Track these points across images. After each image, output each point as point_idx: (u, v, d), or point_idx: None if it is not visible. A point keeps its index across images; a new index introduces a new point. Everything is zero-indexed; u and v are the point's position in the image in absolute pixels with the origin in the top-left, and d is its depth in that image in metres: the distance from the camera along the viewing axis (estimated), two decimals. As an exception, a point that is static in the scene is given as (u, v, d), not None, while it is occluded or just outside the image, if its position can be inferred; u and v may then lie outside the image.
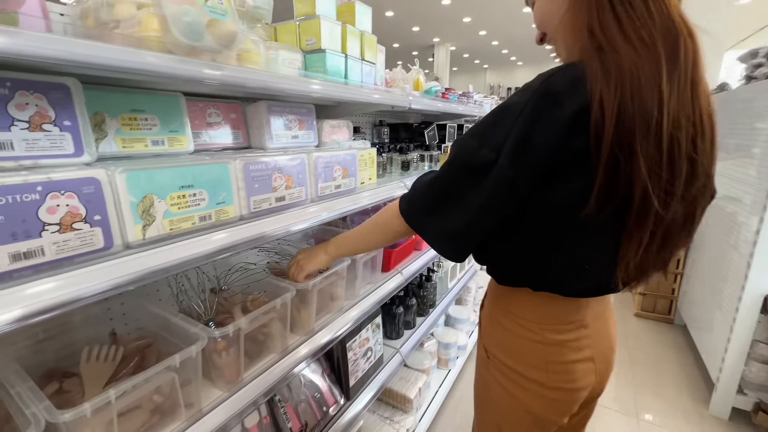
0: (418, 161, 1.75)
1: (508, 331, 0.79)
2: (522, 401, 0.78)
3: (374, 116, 2.03)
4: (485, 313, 0.89)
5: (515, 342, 0.77)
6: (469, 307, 2.74)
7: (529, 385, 0.77)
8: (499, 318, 0.81)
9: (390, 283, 1.45)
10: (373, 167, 1.31)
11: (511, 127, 0.59)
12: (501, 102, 0.66)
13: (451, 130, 2.12)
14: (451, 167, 0.68)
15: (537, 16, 0.73)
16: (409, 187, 0.79)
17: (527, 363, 0.76)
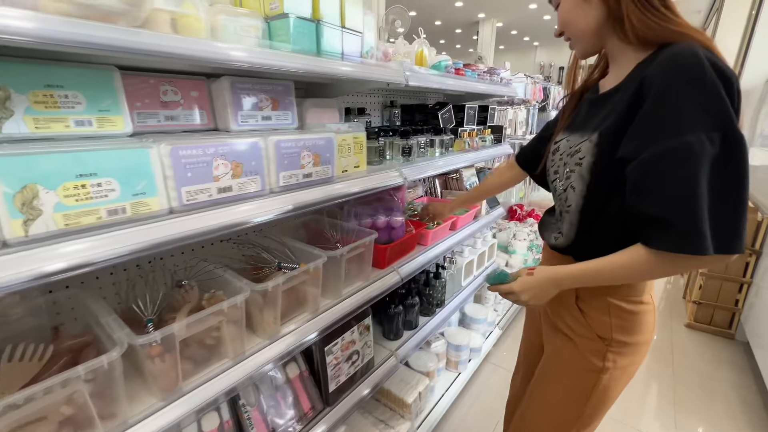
0: (426, 146, 1.56)
1: (630, 312, 0.83)
2: (631, 371, 0.88)
3: (384, 96, 1.85)
4: (590, 307, 0.87)
5: (640, 318, 0.84)
6: (489, 307, 2.54)
7: (641, 349, 0.87)
8: (614, 303, 0.83)
9: (383, 281, 1.31)
10: (361, 153, 1.16)
11: (719, 112, 0.61)
12: (662, 95, 0.65)
13: (471, 112, 1.89)
14: (695, 177, 0.62)
15: (562, 19, 0.82)
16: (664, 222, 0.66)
17: (648, 331, 0.86)
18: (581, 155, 0.78)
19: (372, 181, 1.13)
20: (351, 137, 1.08)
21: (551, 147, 0.95)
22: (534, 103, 2.83)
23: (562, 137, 0.90)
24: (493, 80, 1.86)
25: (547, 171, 0.96)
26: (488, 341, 2.37)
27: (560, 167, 0.88)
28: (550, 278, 0.82)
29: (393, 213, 1.41)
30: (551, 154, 0.94)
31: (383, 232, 1.40)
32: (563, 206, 0.86)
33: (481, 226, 1.99)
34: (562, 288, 0.82)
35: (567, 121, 0.94)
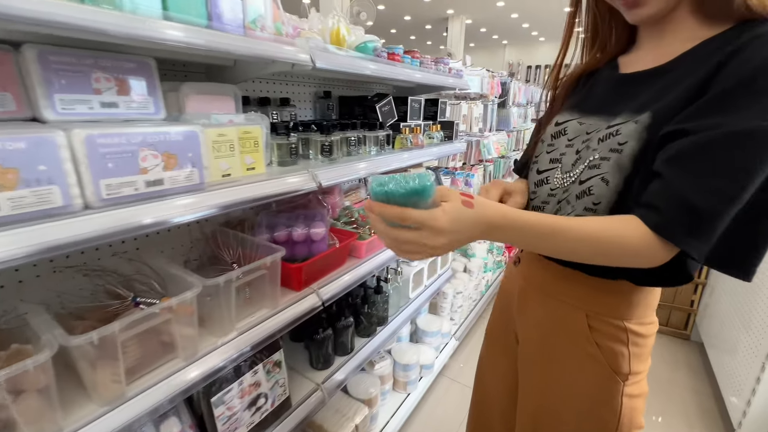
0: (357, 144, 1.34)
1: (644, 337, 0.70)
2: (642, 405, 0.74)
3: (316, 85, 1.62)
4: (606, 337, 0.70)
5: (651, 341, 0.72)
6: (444, 316, 2.37)
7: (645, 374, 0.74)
8: (631, 329, 0.69)
9: (297, 307, 1.09)
10: (257, 152, 0.93)
11: None
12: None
13: (416, 105, 1.69)
14: None
15: None
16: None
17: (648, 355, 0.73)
18: (621, 139, 0.60)
19: (267, 187, 0.89)
20: (236, 132, 0.84)
21: (550, 130, 0.77)
22: (492, 98, 2.68)
23: (569, 118, 0.74)
24: (438, 70, 1.67)
25: (536, 160, 0.79)
26: (443, 354, 2.20)
27: (569, 154, 0.71)
28: (488, 221, 0.55)
29: (315, 223, 1.19)
30: (551, 138, 0.76)
31: (302, 247, 1.17)
32: (578, 204, 0.65)
33: (429, 232, 1.79)
34: (488, 239, 0.59)
35: (565, 102, 0.78)
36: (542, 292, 0.77)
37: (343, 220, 1.52)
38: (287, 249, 1.16)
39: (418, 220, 0.51)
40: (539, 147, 0.79)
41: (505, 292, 0.93)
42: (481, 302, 2.79)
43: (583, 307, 0.70)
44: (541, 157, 0.77)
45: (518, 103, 3.30)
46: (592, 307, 0.70)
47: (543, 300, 0.77)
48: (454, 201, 0.54)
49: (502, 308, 0.94)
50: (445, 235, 0.52)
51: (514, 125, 3.28)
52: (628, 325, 0.68)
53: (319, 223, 1.18)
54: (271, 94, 1.43)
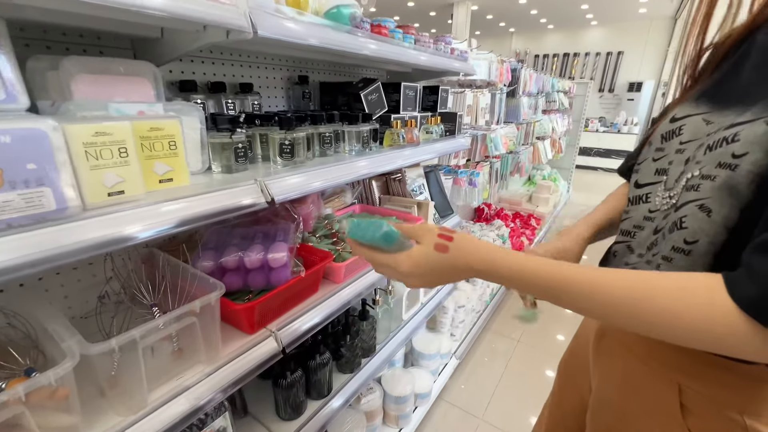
0: (334, 142, 1.07)
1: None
2: None
3: (288, 68, 1.33)
4: (705, 429, 0.49)
5: None
6: (444, 333, 2.11)
7: None
8: (756, 429, 0.46)
9: (247, 357, 0.83)
10: (175, 157, 0.66)
11: None
12: None
13: (411, 94, 1.40)
14: None
15: None
16: None
17: None
18: (739, 149, 0.41)
19: (186, 209, 0.62)
20: (130, 129, 0.57)
21: (662, 128, 0.56)
22: (500, 86, 2.38)
23: (691, 112, 0.52)
24: (438, 49, 1.37)
25: (638, 168, 0.60)
26: (441, 377, 1.94)
27: (676, 163, 0.52)
28: (467, 265, 0.48)
29: (275, 244, 0.92)
30: (661, 139, 0.56)
31: (257, 276, 0.91)
32: (668, 240, 0.49)
33: (426, 244, 1.52)
34: (487, 280, 0.50)
35: (705, 85, 0.54)
36: (622, 344, 0.61)
37: (320, 233, 1.26)
38: (239, 278, 0.90)
39: (382, 263, 0.53)
40: (646, 151, 0.59)
41: (584, 326, 0.79)
42: (485, 313, 2.53)
43: (676, 377, 0.51)
44: (645, 165, 0.58)
45: (529, 93, 2.99)
46: (691, 380, 0.50)
47: (623, 354, 0.60)
48: (425, 245, 0.50)
49: (578, 344, 0.79)
50: (414, 277, 0.51)
51: (524, 117, 2.97)
52: (750, 422, 0.46)
53: (280, 245, 0.91)
54: (229, 78, 1.15)
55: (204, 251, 0.89)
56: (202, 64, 1.08)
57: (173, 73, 1.01)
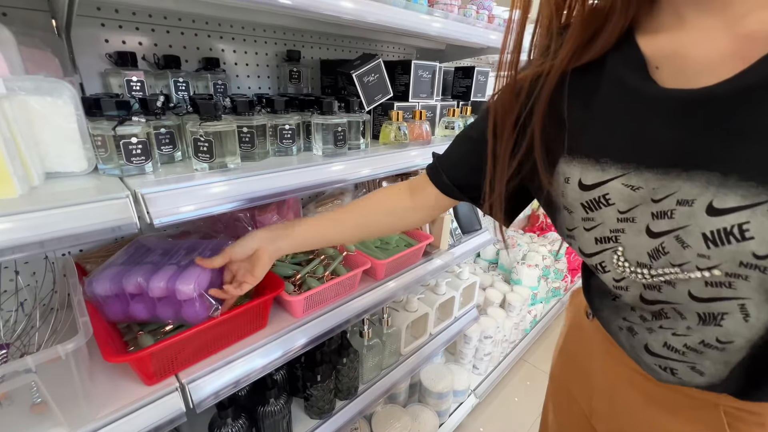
0: (295, 137, 0.81)
1: None
2: None
3: (277, 41, 1.09)
4: None
5: None
6: (465, 365, 1.79)
7: None
8: None
9: (136, 418, 0.63)
10: (-15, 157, 0.45)
11: None
12: None
13: (425, 75, 1.06)
14: None
15: None
16: None
17: None
18: (758, 249, 0.32)
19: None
20: None
21: (571, 196, 0.45)
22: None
23: (607, 177, 0.41)
24: (467, 15, 1.02)
25: (572, 234, 0.48)
26: (452, 420, 1.63)
27: (632, 233, 0.41)
28: None
29: (188, 270, 0.70)
30: (584, 208, 0.44)
31: (165, 307, 0.70)
32: (703, 332, 0.41)
33: (435, 269, 1.21)
34: None
35: (572, 133, 0.44)
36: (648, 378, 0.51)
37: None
38: (145, 308, 0.70)
39: None
40: (565, 216, 0.47)
41: (570, 355, 0.70)
42: (522, 344, 2.13)
43: (721, 401, 0.47)
44: (578, 233, 0.46)
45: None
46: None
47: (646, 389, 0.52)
48: None
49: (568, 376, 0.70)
50: None
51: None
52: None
53: (191, 273, 0.68)
54: (192, 53, 0.94)
55: (106, 269, 0.70)
56: (152, 33, 0.88)
57: (110, 42, 0.82)
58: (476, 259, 2.48)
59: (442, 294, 1.41)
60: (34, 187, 0.52)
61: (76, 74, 0.77)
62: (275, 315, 0.88)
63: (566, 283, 2.57)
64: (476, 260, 2.47)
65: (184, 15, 0.90)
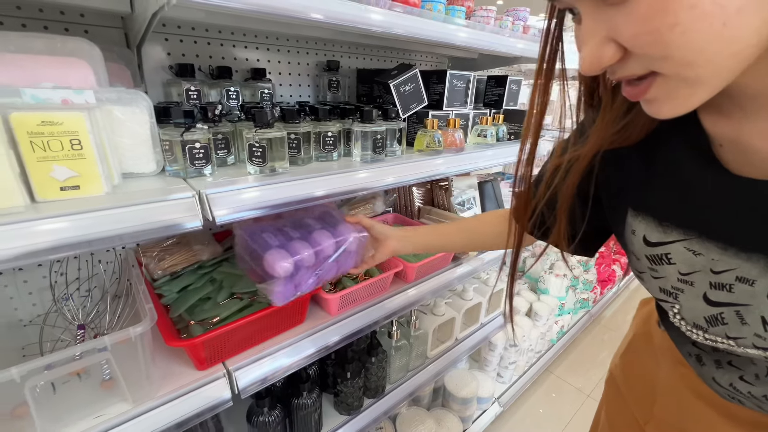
0: (337, 144, 0.85)
1: None
2: None
3: (316, 51, 1.15)
4: None
5: None
6: (488, 372, 1.78)
7: None
8: None
9: (186, 401, 0.68)
10: (81, 159, 0.52)
11: None
12: None
13: (460, 85, 1.09)
14: None
15: (679, 44, 0.27)
16: None
17: None
18: None
19: (66, 228, 0.48)
20: None
21: (637, 246, 0.46)
22: (603, 77, 1.86)
23: (670, 239, 0.42)
24: (502, 27, 1.04)
25: (642, 276, 0.48)
26: (476, 426, 1.63)
27: (692, 296, 0.41)
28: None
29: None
30: (648, 260, 0.45)
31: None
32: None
33: (463, 274, 1.23)
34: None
35: (635, 196, 0.45)
36: None
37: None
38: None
39: None
40: (634, 261, 0.48)
41: (633, 361, 0.68)
42: (548, 355, 2.09)
43: None
44: (647, 278, 0.46)
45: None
46: None
47: (715, 402, 0.50)
48: None
49: (628, 382, 0.68)
50: None
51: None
52: None
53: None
54: (240, 63, 1.01)
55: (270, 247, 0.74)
56: (208, 45, 0.95)
57: (172, 55, 0.90)
58: (503, 267, 2.45)
59: (469, 299, 1.42)
60: (115, 186, 0.59)
61: (143, 84, 0.85)
62: (311, 312, 0.92)
63: (595, 295, 2.50)
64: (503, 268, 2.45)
65: (236, 29, 0.98)
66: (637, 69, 0.30)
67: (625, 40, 0.29)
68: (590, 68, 0.31)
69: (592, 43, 0.30)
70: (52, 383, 0.58)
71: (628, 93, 0.33)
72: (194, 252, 0.95)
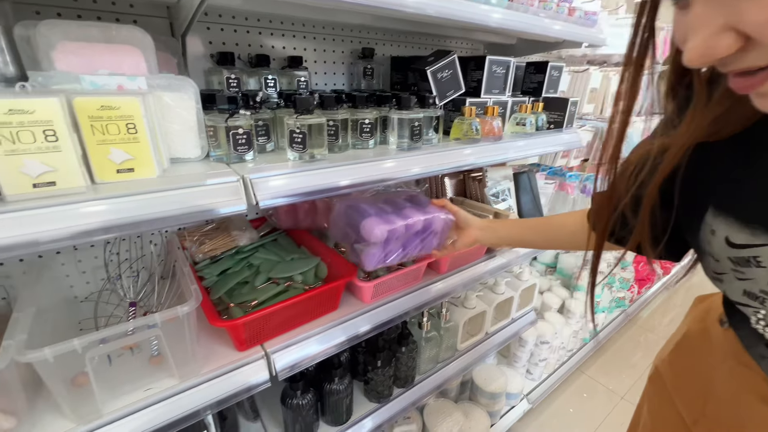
0: (373, 131, 0.84)
1: None
2: None
3: (351, 39, 1.14)
4: None
5: None
6: (518, 368, 1.75)
7: None
8: None
9: (227, 379, 0.71)
10: (135, 143, 0.54)
11: None
12: None
13: (499, 71, 1.05)
14: None
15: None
16: None
17: None
18: None
19: (127, 207, 0.50)
20: (61, 107, 0.46)
21: (719, 249, 0.43)
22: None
23: (758, 242, 0.39)
24: (546, 8, 0.99)
25: (720, 278, 0.45)
26: (503, 422, 1.61)
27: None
28: None
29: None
30: (732, 262, 0.42)
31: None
32: None
33: (497, 267, 1.20)
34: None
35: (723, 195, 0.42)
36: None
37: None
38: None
39: None
40: (712, 262, 0.44)
41: (685, 359, 0.63)
42: (580, 354, 2.02)
43: None
44: (727, 280, 0.43)
45: (697, 74, 2.18)
46: None
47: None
48: None
49: (677, 381, 0.63)
50: None
51: (683, 107, 2.19)
52: None
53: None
54: (278, 51, 1.02)
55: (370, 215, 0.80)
56: (247, 34, 0.96)
57: (213, 43, 0.92)
58: (532, 262, 2.39)
59: (500, 293, 1.39)
60: (165, 169, 0.61)
61: (186, 73, 0.88)
62: (344, 299, 0.93)
63: (632, 294, 2.39)
64: (532, 263, 2.39)
65: (273, 17, 0.98)
66: (759, 60, 0.27)
67: (752, 28, 0.26)
68: (701, 59, 0.29)
69: (706, 31, 0.28)
70: (108, 355, 0.61)
71: (737, 85, 0.30)
72: (233, 237, 0.98)
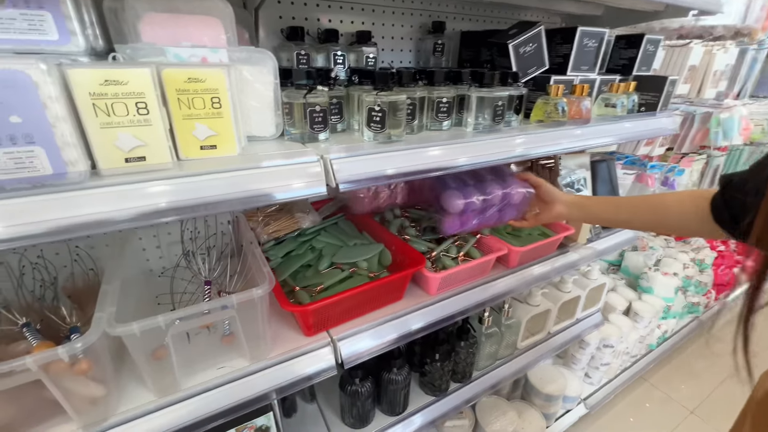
0: (450, 111, 0.77)
1: None
2: None
3: (419, 13, 1.06)
4: None
5: None
6: (576, 371, 1.64)
7: None
8: None
9: (294, 364, 0.70)
10: (220, 119, 0.52)
11: None
12: None
13: (590, 44, 0.91)
14: None
15: None
16: None
17: None
18: None
19: (204, 187, 0.48)
20: (149, 78, 0.44)
21: None
22: (761, 37, 1.49)
23: None
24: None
25: None
26: (558, 425, 1.52)
27: None
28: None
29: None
30: None
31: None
32: None
33: (570, 263, 1.10)
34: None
35: None
36: None
37: (425, 224, 1.02)
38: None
39: None
40: None
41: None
42: (644, 360, 1.86)
43: None
44: None
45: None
46: None
47: None
48: None
49: None
50: None
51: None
52: None
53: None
54: (346, 26, 0.97)
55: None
56: (317, 8, 0.92)
57: (283, 18, 0.89)
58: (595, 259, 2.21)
59: (567, 292, 1.29)
60: (243, 147, 0.58)
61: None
62: (409, 290, 0.89)
63: (708, 300, 2.15)
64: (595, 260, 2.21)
65: (342, -11, 0.93)
66: None
67: None
68: None
69: None
70: (187, 333, 0.61)
71: None
72: (296, 219, 0.96)
